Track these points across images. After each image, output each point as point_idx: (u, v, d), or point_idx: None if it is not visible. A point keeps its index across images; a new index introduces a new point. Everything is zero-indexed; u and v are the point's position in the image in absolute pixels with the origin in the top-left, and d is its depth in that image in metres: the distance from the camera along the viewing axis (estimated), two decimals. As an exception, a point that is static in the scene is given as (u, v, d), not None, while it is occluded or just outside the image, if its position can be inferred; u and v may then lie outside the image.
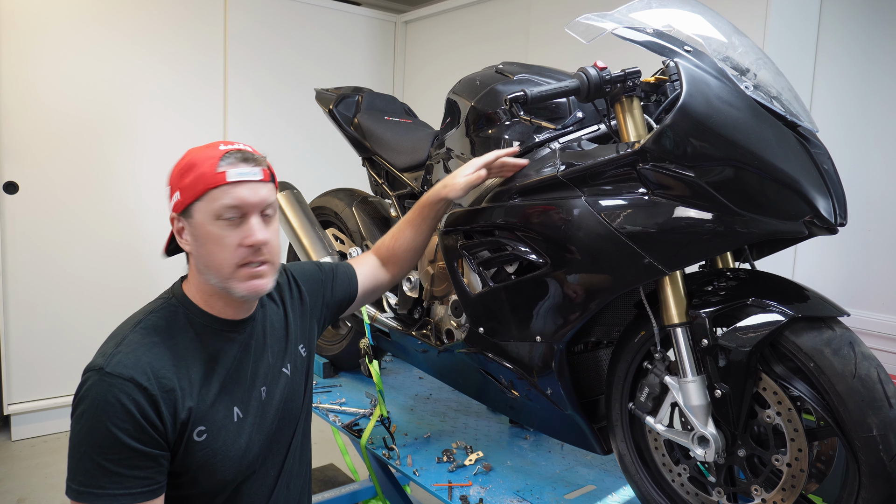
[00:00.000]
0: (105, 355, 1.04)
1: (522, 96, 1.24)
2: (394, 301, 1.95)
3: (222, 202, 1.06)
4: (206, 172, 1.06)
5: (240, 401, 1.15)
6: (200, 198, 1.06)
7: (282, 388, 1.24)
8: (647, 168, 1.15)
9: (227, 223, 1.07)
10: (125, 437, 0.99)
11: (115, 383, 1.00)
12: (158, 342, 1.07)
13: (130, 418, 0.99)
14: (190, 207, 1.08)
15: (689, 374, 1.19)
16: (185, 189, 1.07)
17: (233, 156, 1.08)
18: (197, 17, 3.45)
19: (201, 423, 1.08)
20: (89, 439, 0.99)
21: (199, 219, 1.08)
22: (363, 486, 2.42)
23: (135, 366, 1.02)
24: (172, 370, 1.06)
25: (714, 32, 1.27)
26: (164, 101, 3.39)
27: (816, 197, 1.13)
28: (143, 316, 1.12)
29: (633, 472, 1.36)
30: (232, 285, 1.09)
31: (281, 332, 1.29)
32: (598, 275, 1.24)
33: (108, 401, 0.99)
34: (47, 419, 3.23)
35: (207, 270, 1.10)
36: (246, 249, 1.08)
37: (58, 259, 3.19)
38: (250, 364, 1.19)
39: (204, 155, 1.08)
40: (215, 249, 1.08)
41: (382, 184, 2.12)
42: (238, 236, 1.08)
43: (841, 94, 2.38)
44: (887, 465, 1.01)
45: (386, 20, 4.20)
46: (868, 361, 1.06)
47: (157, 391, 1.02)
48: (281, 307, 1.31)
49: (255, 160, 1.11)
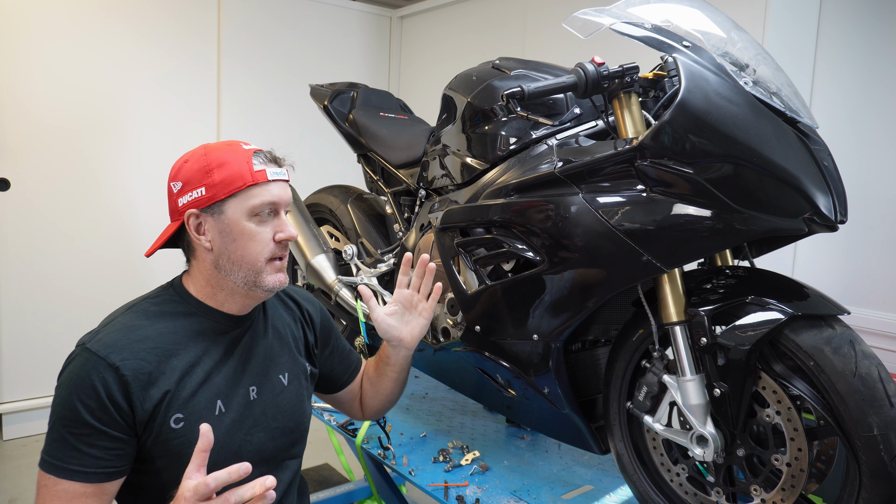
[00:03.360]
0: (91, 333, 1.09)
1: (519, 92, 1.22)
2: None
3: (262, 199, 1.12)
4: (243, 171, 1.11)
5: (223, 395, 1.14)
6: (236, 194, 1.11)
7: (276, 396, 1.22)
8: (645, 165, 1.14)
9: (260, 219, 1.13)
10: (87, 415, 1.01)
11: (90, 359, 1.03)
12: (146, 325, 1.10)
13: (96, 396, 1.02)
14: (220, 204, 1.11)
15: (688, 373, 1.18)
16: (215, 186, 1.11)
17: (263, 155, 1.15)
18: (190, 12, 3.42)
19: (179, 410, 1.08)
20: (59, 411, 1.03)
21: (233, 215, 1.11)
22: (358, 486, 2.41)
23: (113, 345, 1.05)
24: (153, 353, 1.07)
25: (713, 28, 1.26)
26: (157, 97, 3.36)
27: (816, 194, 1.12)
28: (137, 301, 1.16)
29: (632, 472, 1.35)
30: (262, 279, 1.14)
31: (287, 339, 1.28)
32: (595, 272, 1.22)
33: (80, 376, 1.03)
34: (39, 418, 3.20)
35: (235, 266, 1.13)
36: (276, 245, 1.15)
37: (50, 256, 3.16)
38: (240, 360, 1.18)
39: (232, 153, 1.13)
40: (249, 244, 1.12)
41: (378, 181, 2.10)
42: (270, 232, 1.14)
43: (841, 89, 2.37)
44: (888, 464, 1.00)
45: (381, 15, 4.18)
46: (869, 360, 1.06)
47: (129, 372, 1.03)
48: (299, 319, 1.34)
49: (280, 161, 1.18)
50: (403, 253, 1.81)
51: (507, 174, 1.42)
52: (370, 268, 2.00)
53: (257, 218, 1.12)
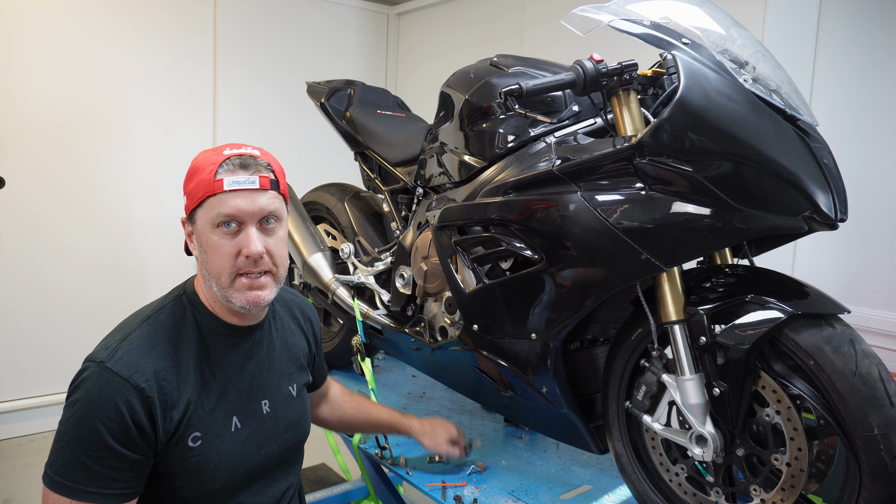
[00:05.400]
0: (108, 348, 1.03)
1: (517, 89, 1.22)
2: (386, 298, 1.92)
3: (219, 210, 1.05)
4: (205, 179, 1.05)
5: (239, 410, 1.13)
6: (200, 205, 1.07)
7: (286, 408, 1.21)
8: (644, 162, 1.13)
9: (225, 231, 1.06)
10: (109, 437, 0.97)
11: (113, 380, 0.98)
12: (164, 340, 1.06)
13: (119, 419, 0.98)
14: (193, 213, 1.08)
15: (687, 372, 1.17)
16: (189, 194, 1.08)
17: (232, 162, 1.06)
18: (186, 7, 3.40)
19: (197, 428, 1.06)
20: (75, 431, 0.98)
21: (201, 225, 1.08)
22: (355, 486, 2.39)
23: (135, 364, 1.01)
24: (174, 371, 1.05)
25: (712, 25, 1.25)
26: (152, 95, 3.34)
27: (816, 192, 1.11)
28: (151, 311, 1.11)
29: (630, 472, 1.34)
30: (230, 294, 1.08)
31: (295, 351, 1.27)
32: (594, 271, 1.22)
33: (102, 397, 0.98)
34: (34, 418, 3.18)
35: (209, 277, 1.09)
36: (244, 259, 1.06)
37: (44, 255, 3.14)
38: (253, 374, 1.17)
39: (207, 160, 1.08)
40: (214, 257, 1.07)
41: (375, 178, 2.09)
42: (235, 246, 1.06)
43: (841, 87, 2.36)
44: (888, 464, 1.00)
45: (379, 12, 4.16)
46: (869, 359, 1.05)
47: (154, 393, 1.01)
48: (305, 331, 1.32)
49: (255, 166, 1.08)
50: (400, 251, 1.81)
51: (506, 172, 1.41)
52: (367, 266, 1.99)
53: (221, 230, 1.05)
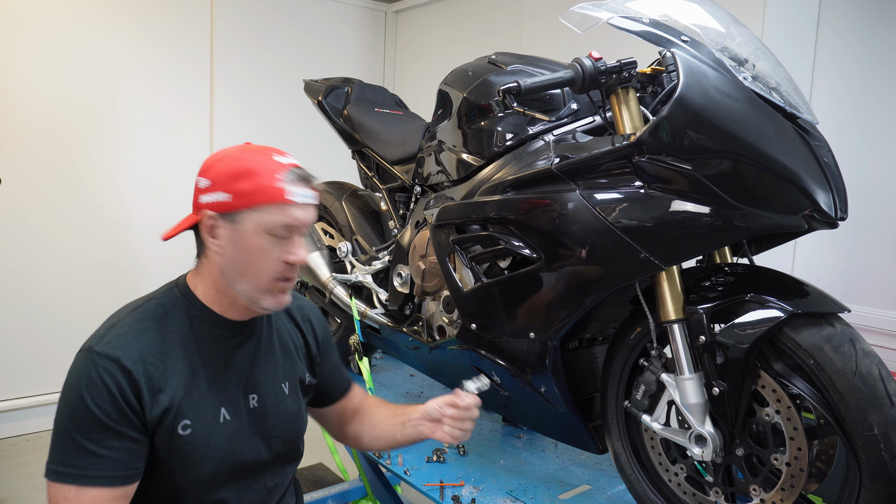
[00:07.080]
0: (96, 336, 1.06)
1: (516, 87, 1.21)
2: (384, 297, 1.92)
3: (279, 219, 1.06)
4: (268, 186, 1.05)
5: (228, 402, 1.13)
6: (255, 208, 1.06)
7: (276, 405, 1.20)
8: (643, 161, 1.12)
9: (275, 238, 1.07)
10: (104, 417, 0.99)
11: (101, 362, 1.01)
12: (151, 327, 1.08)
13: (111, 399, 1.00)
14: (238, 213, 1.07)
15: (687, 372, 1.17)
16: (238, 194, 1.06)
17: (294, 173, 1.09)
18: (183, 4, 3.39)
19: (187, 416, 1.07)
20: (70, 416, 1.00)
21: (248, 227, 1.07)
22: (353, 485, 2.39)
23: (122, 348, 1.03)
24: (160, 357, 1.06)
25: (712, 22, 1.25)
26: (149, 93, 3.33)
27: (816, 190, 1.11)
28: (141, 302, 1.12)
29: (629, 472, 1.34)
30: (262, 297, 1.10)
31: (289, 347, 1.27)
32: (592, 270, 1.21)
33: (92, 378, 1.00)
34: (30, 417, 3.17)
35: (238, 277, 1.09)
36: (285, 265, 1.09)
37: (39, 254, 3.12)
38: (244, 367, 1.16)
39: (263, 165, 1.07)
40: (257, 261, 1.08)
41: (373, 177, 2.08)
42: (282, 252, 1.08)
43: (842, 84, 2.35)
44: (889, 464, 0.99)
45: (376, 9, 4.15)
46: (869, 358, 1.05)
47: (140, 376, 1.02)
48: (302, 327, 1.30)
49: (311, 181, 1.12)
50: (398, 249, 1.80)
51: (504, 170, 1.41)
52: (365, 265, 1.98)
53: (271, 236, 1.07)
